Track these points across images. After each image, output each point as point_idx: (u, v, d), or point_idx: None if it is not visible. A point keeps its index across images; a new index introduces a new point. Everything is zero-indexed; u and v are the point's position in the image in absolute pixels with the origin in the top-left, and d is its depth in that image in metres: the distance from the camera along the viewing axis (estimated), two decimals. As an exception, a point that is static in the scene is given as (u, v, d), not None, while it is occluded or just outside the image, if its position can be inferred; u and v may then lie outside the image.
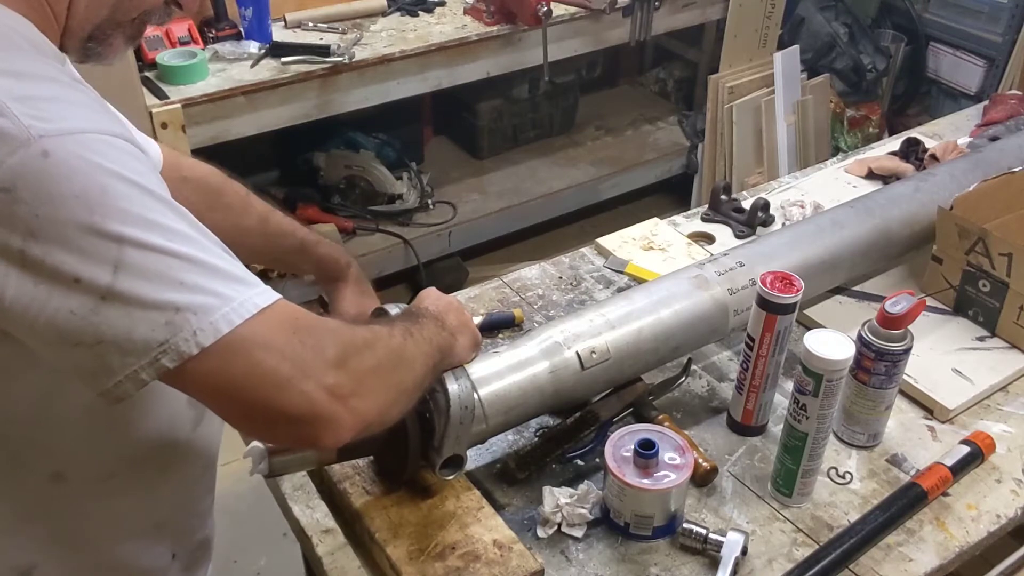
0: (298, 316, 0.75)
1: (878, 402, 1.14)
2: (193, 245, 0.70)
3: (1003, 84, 2.95)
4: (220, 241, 0.75)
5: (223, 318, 0.69)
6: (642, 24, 2.82)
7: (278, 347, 0.72)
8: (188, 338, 0.68)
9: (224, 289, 0.70)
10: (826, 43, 3.20)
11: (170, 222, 0.69)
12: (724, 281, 1.20)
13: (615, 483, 1.02)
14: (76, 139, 0.67)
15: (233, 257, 0.75)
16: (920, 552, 1.05)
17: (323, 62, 2.29)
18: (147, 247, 0.67)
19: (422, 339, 0.91)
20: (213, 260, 0.71)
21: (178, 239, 0.69)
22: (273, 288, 0.75)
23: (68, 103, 0.69)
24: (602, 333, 1.11)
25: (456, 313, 1.03)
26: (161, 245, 0.68)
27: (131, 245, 0.67)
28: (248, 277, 0.73)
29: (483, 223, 3.00)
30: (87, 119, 0.69)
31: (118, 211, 0.66)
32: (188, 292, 0.68)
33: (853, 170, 1.80)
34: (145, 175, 0.70)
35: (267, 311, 0.72)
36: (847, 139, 3.29)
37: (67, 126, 0.67)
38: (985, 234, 1.30)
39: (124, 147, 0.70)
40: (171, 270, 0.68)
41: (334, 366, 0.74)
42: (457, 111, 3.25)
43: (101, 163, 0.67)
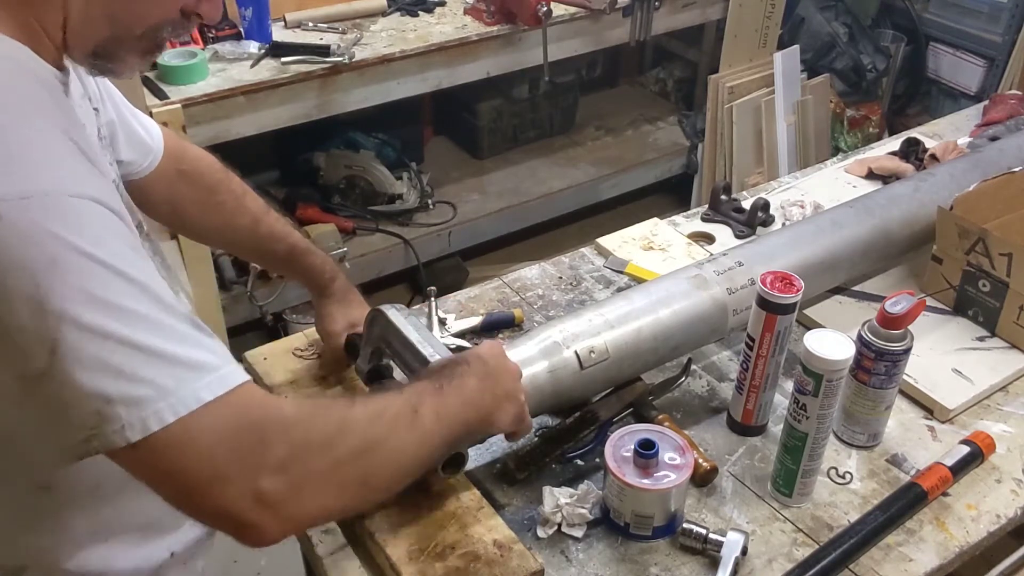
0: (250, 410, 0.72)
1: (878, 402, 1.14)
2: (144, 326, 0.67)
3: (1003, 84, 2.95)
4: (188, 315, 0.71)
5: (155, 414, 0.66)
6: (642, 24, 2.82)
7: (208, 447, 0.68)
8: (116, 431, 0.66)
9: (166, 380, 0.67)
10: (826, 43, 3.20)
11: (122, 299, 0.66)
12: (723, 281, 1.20)
13: (615, 483, 1.02)
14: (35, 203, 0.63)
15: (199, 330, 0.71)
16: (920, 552, 1.05)
17: (323, 62, 2.29)
18: (88, 328, 0.64)
19: (444, 407, 0.85)
20: (162, 344, 0.67)
21: (127, 319, 0.66)
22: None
23: (39, 158, 0.66)
24: (601, 333, 1.11)
25: (511, 379, 0.97)
26: (104, 327, 0.65)
27: (72, 325, 0.63)
28: (205, 360, 0.69)
29: (483, 223, 3.00)
30: (56, 178, 0.65)
31: (64, 286, 0.63)
32: (124, 381, 0.65)
33: (853, 170, 1.80)
34: (106, 243, 0.66)
35: (211, 405, 0.68)
36: (847, 139, 3.29)
37: (28, 187, 0.63)
38: (985, 234, 1.30)
39: (91, 211, 0.66)
40: (111, 355, 0.65)
41: (272, 471, 0.71)
42: (457, 111, 3.25)
43: (57, 232, 0.63)
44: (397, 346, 1.06)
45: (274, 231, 1.20)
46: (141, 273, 0.68)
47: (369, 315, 1.11)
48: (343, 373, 1.24)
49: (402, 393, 0.84)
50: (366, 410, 0.80)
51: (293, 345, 1.29)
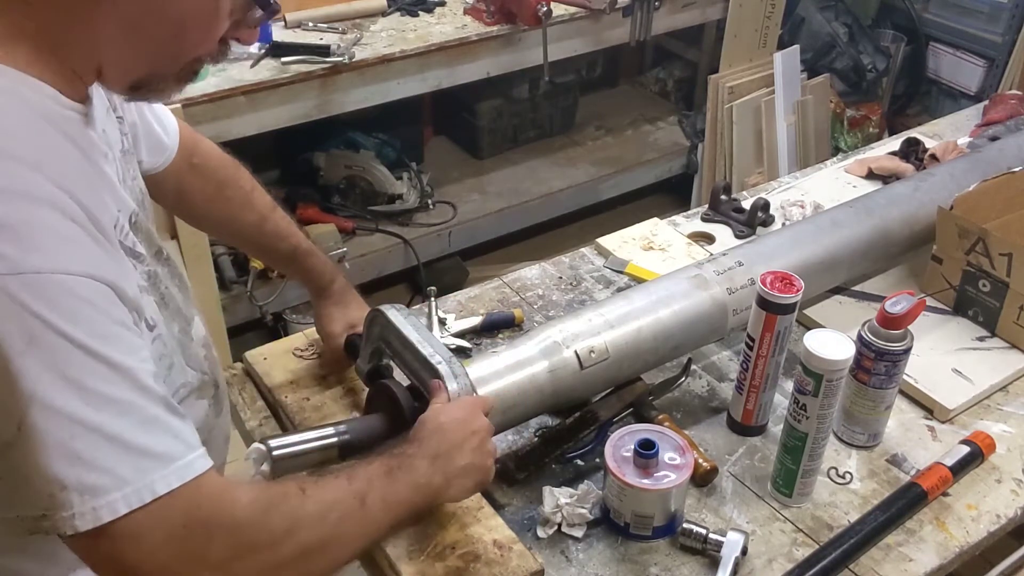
0: (201, 507, 0.71)
1: (878, 402, 1.14)
2: (113, 411, 0.67)
3: (1003, 84, 2.95)
4: (163, 396, 0.71)
5: (108, 505, 0.66)
6: (642, 24, 2.82)
7: (154, 543, 0.69)
8: (66, 518, 0.66)
9: (125, 469, 0.67)
10: (826, 43, 3.20)
11: (96, 383, 0.66)
12: (723, 280, 1.20)
13: (615, 483, 1.02)
14: (25, 280, 0.63)
15: (171, 412, 0.71)
16: (920, 552, 1.05)
17: (323, 62, 2.29)
18: (56, 411, 0.64)
19: (392, 494, 0.85)
20: (128, 431, 0.67)
21: (97, 403, 0.66)
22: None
23: (36, 234, 0.65)
24: (601, 333, 1.11)
25: (473, 451, 0.93)
26: (72, 411, 0.64)
27: (40, 406, 0.63)
28: (167, 450, 0.69)
29: (483, 223, 3.00)
30: (49, 257, 0.65)
31: (37, 366, 0.63)
32: (83, 468, 0.65)
33: (853, 170, 1.80)
34: (90, 323, 0.66)
35: (164, 498, 0.68)
36: (847, 139, 3.29)
37: (21, 264, 0.63)
38: (985, 234, 1.30)
39: (80, 289, 0.66)
40: (73, 440, 0.65)
41: (212, 568, 0.71)
42: (457, 111, 3.25)
43: (40, 311, 0.63)
44: (397, 346, 1.06)
45: (279, 229, 1.21)
46: (121, 353, 0.68)
47: (369, 315, 1.11)
48: (343, 373, 1.24)
49: (352, 480, 0.83)
50: (317, 507, 0.80)
51: (293, 345, 1.29)
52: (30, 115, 0.71)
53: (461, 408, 0.96)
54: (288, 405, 1.19)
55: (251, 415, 1.20)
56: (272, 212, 1.21)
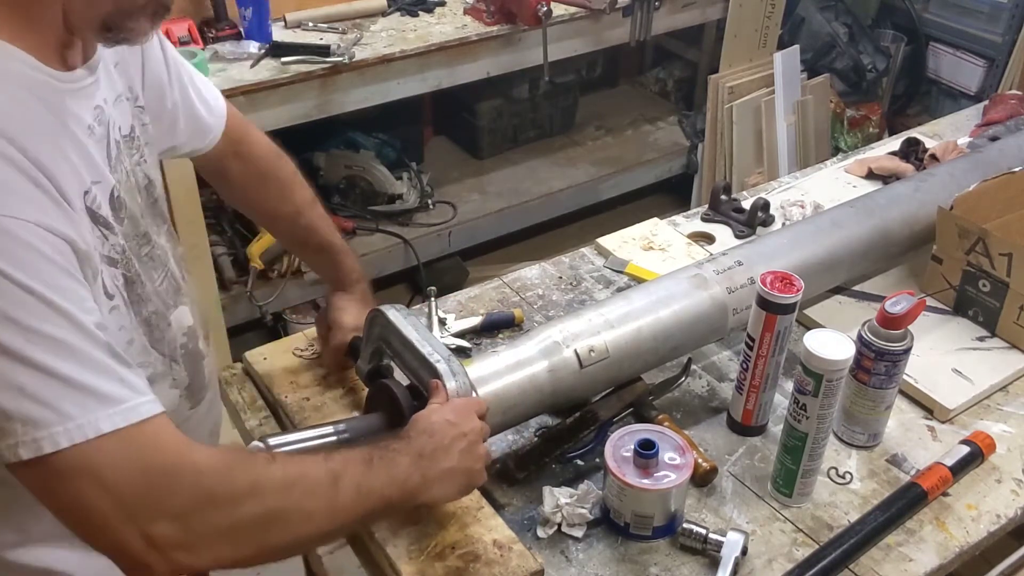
0: (158, 452, 0.72)
1: (878, 402, 1.14)
2: (56, 351, 0.67)
3: (1003, 84, 2.95)
4: (108, 344, 0.71)
5: (49, 437, 0.67)
6: (642, 24, 2.82)
7: (107, 482, 0.69)
8: (10, 446, 0.67)
9: (68, 406, 0.67)
10: (826, 43, 3.20)
11: (38, 323, 0.67)
12: (723, 280, 1.20)
13: (615, 483, 1.02)
14: None
15: (117, 360, 0.71)
16: (920, 552, 1.05)
17: (323, 62, 2.29)
18: (2, 350, 0.65)
19: (367, 482, 0.83)
20: (72, 370, 0.68)
21: (39, 342, 0.67)
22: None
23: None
24: (601, 332, 1.11)
25: (460, 454, 0.92)
26: (13, 346, 0.66)
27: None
28: (113, 392, 0.70)
29: (483, 223, 3.00)
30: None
31: None
32: (26, 400, 0.66)
33: (853, 170, 1.80)
34: (33, 266, 0.67)
35: (111, 437, 0.68)
36: (847, 139, 3.29)
37: None
38: (985, 234, 1.29)
39: (26, 235, 0.67)
40: (14, 374, 0.66)
41: (170, 517, 0.71)
42: (457, 111, 3.25)
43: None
44: (397, 346, 1.06)
45: (313, 224, 1.23)
46: (64, 299, 0.69)
47: (369, 315, 1.11)
48: (343, 373, 1.24)
49: (329, 460, 0.82)
50: (284, 473, 0.79)
51: (293, 345, 1.28)
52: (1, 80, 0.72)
53: (454, 410, 0.95)
54: (288, 405, 1.19)
55: (251, 415, 1.20)
56: (311, 207, 1.23)
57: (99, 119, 0.86)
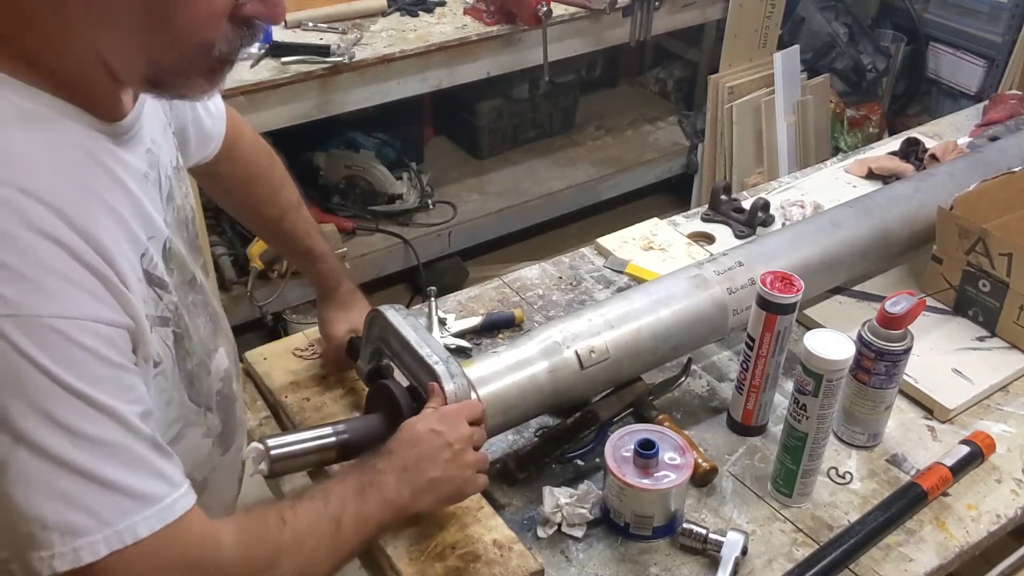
0: (187, 549, 0.72)
1: (878, 402, 1.14)
2: (99, 452, 0.66)
3: (1003, 84, 2.95)
4: (150, 435, 0.70)
5: (89, 547, 0.65)
6: (642, 24, 2.82)
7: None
8: (45, 558, 0.65)
9: (108, 511, 0.66)
10: (826, 43, 3.20)
11: (83, 424, 0.66)
12: (723, 280, 1.20)
13: (615, 483, 1.02)
14: (20, 321, 0.63)
15: (158, 452, 0.70)
16: (920, 552, 1.05)
17: (323, 62, 2.29)
18: (42, 452, 0.64)
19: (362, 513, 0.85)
20: (113, 472, 0.67)
21: (84, 445, 0.65)
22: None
23: (39, 276, 0.64)
24: (601, 333, 1.11)
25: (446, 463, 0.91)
26: (58, 452, 0.64)
27: (26, 446, 0.63)
28: (152, 491, 0.69)
29: (483, 223, 3.00)
30: (50, 300, 0.65)
31: (26, 405, 0.63)
32: (65, 507, 0.65)
33: (853, 170, 1.80)
34: (87, 367, 0.66)
35: (147, 541, 0.68)
36: (847, 139, 3.29)
37: (19, 306, 0.63)
38: (985, 234, 1.29)
39: (78, 334, 0.66)
40: (57, 479, 0.64)
41: None
42: (457, 111, 3.25)
43: (34, 355, 0.63)
44: (396, 346, 1.06)
45: (296, 229, 1.22)
46: (111, 396, 0.67)
47: (368, 316, 1.11)
48: (344, 373, 1.24)
49: (328, 503, 0.84)
50: (293, 535, 0.81)
51: (293, 345, 1.29)
52: (58, 146, 0.70)
53: (441, 418, 0.94)
54: (288, 405, 1.19)
55: (251, 415, 1.20)
56: (295, 211, 1.22)
57: (151, 163, 0.83)
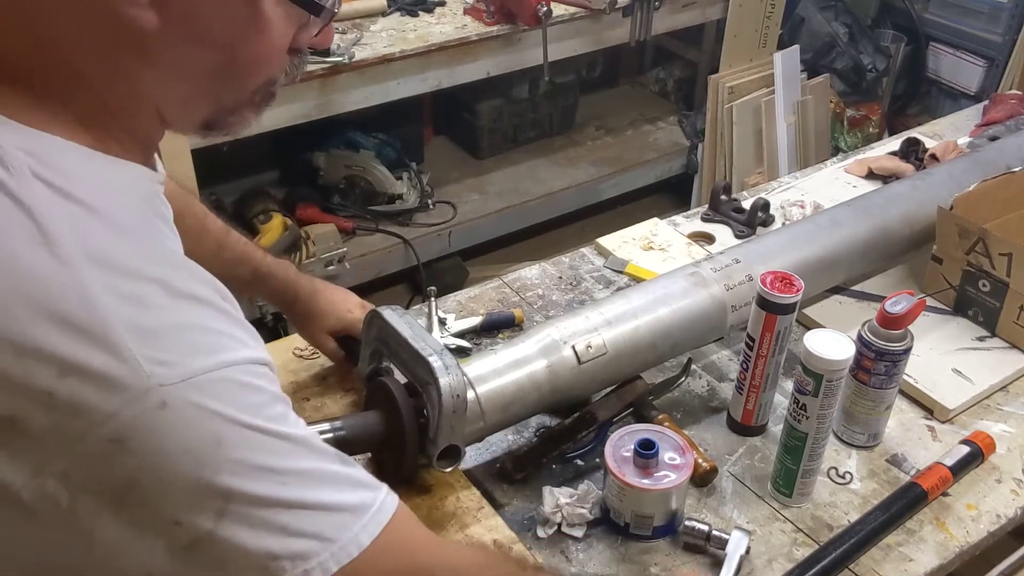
0: (416, 553, 0.72)
1: (878, 402, 1.14)
2: (305, 483, 0.66)
3: (1003, 84, 2.95)
4: (335, 452, 0.70)
5: (320, 566, 0.65)
6: (642, 24, 2.82)
7: None
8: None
9: (329, 530, 0.66)
10: (826, 43, 3.20)
11: (283, 461, 0.65)
12: (720, 278, 1.20)
13: (615, 483, 1.02)
14: (197, 383, 0.62)
15: (346, 464, 0.70)
16: (920, 552, 1.05)
17: (323, 62, 2.29)
18: (255, 499, 0.63)
19: None
20: (322, 496, 0.67)
21: (290, 481, 0.65)
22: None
23: (189, 330, 0.63)
24: (599, 330, 1.11)
25: None
26: (270, 495, 0.64)
27: (238, 498, 0.63)
28: (360, 500, 0.69)
29: (483, 223, 3.00)
30: (209, 350, 0.64)
31: (230, 463, 0.63)
32: (289, 537, 0.65)
33: (853, 170, 1.80)
34: (263, 408, 0.65)
35: (373, 546, 0.68)
36: (847, 139, 3.29)
37: (188, 368, 0.61)
38: (985, 234, 1.29)
39: (244, 377, 0.65)
40: (276, 516, 0.64)
41: None
42: (457, 111, 3.25)
43: (220, 410, 0.62)
44: (393, 345, 1.06)
45: (236, 254, 1.16)
46: (290, 427, 0.67)
47: (367, 317, 1.11)
48: (344, 373, 1.24)
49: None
50: None
51: (293, 345, 1.28)
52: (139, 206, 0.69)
53: None
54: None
55: (251, 415, 1.19)
56: (227, 237, 1.16)
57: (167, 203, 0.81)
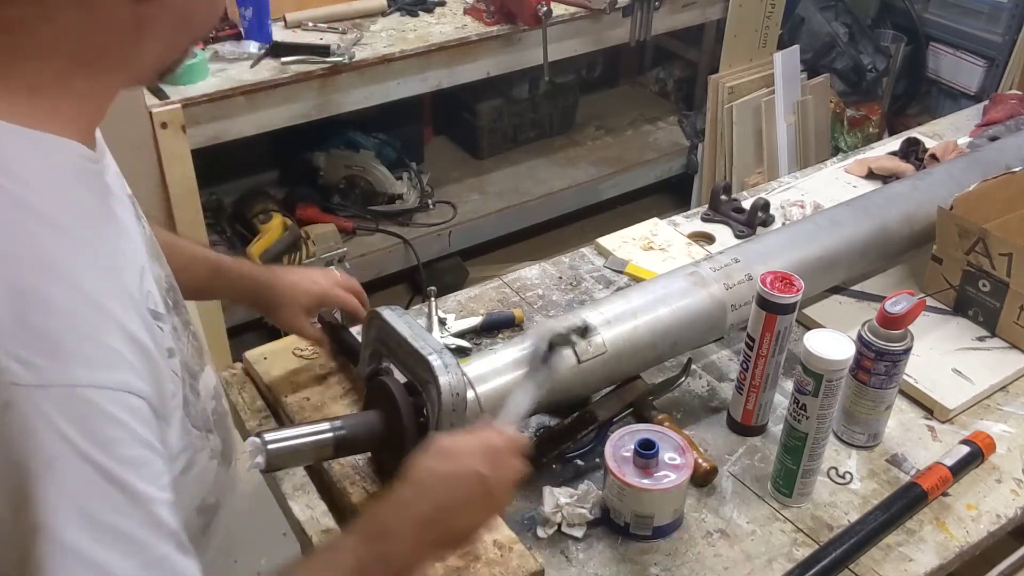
0: None
1: (878, 402, 1.14)
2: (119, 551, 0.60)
3: (1003, 84, 2.95)
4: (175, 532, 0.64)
5: None
6: (642, 24, 2.82)
7: None
8: None
9: None
10: (826, 43, 3.20)
11: (108, 515, 0.60)
12: (720, 277, 1.21)
13: (615, 483, 1.02)
14: (52, 395, 0.57)
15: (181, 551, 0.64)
16: (920, 552, 1.05)
17: (323, 62, 2.29)
18: (62, 545, 0.58)
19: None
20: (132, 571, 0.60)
21: (105, 541, 0.59)
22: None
23: (75, 339, 0.59)
24: (598, 329, 1.11)
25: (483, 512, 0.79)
26: (78, 547, 0.58)
27: (46, 537, 0.57)
28: None
29: (483, 223, 3.00)
30: (86, 364, 0.59)
31: (51, 495, 0.58)
32: None
33: (853, 170, 1.80)
34: (118, 446, 0.60)
35: None
36: (847, 139, 3.29)
37: (50, 376, 0.58)
38: (985, 234, 1.29)
39: (112, 407, 0.60)
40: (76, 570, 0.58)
41: None
42: (457, 111, 3.25)
43: (65, 430, 0.57)
44: (393, 345, 1.06)
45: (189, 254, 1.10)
46: (143, 480, 0.62)
47: (367, 317, 1.11)
48: (344, 373, 1.24)
49: None
50: None
51: (293, 345, 1.28)
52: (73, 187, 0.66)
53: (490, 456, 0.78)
54: (288, 405, 1.19)
55: (251, 415, 1.20)
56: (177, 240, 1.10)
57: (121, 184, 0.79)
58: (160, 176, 2.07)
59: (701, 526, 1.07)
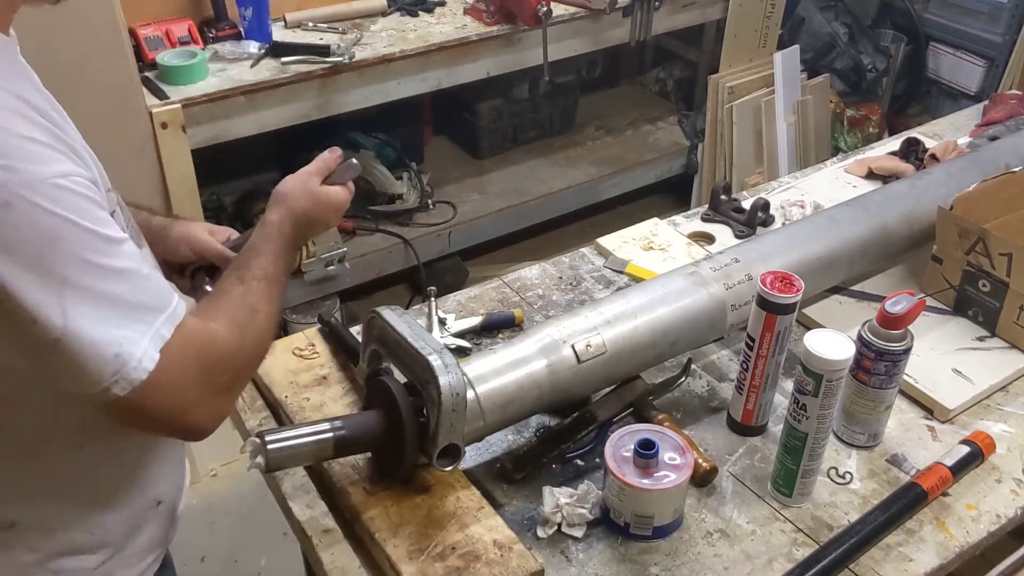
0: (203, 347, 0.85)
1: (878, 402, 1.14)
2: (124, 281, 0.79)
3: (1003, 84, 2.95)
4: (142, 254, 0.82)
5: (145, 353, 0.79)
6: (642, 24, 2.82)
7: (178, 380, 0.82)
8: (135, 366, 0.78)
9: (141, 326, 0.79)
10: (826, 43, 3.20)
11: (107, 259, 0.77)
12: (720, 277, 1.21)
13: (615, 483, 1.02)
14: (35, 188, 0.72)
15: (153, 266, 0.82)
16: (920, 552, 1.05)
17: (323, 62, 2.29)
18: (88, 289, 0.76)
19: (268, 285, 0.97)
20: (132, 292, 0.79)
21: (113, 278, 0.78)
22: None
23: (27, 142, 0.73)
24: (598, 329, 1.11)
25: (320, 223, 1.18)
26: (100, 287, 0.76)
27: (74, 288, 0.75)
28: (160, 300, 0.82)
29: (483, 223, 3.00)
30: (45, 163, 0.74)
31: (65, 257, 0.74)
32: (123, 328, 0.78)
33: (853, 170, 1.80)
34: (90, 213, 0.76)
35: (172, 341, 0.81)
36: (847, 139, 3.29)
37: (28, 175, 0.72)
38: (985, 234, 1.30)
39: (75, 186, 0.76)
40: (111, 308, 0.77)
41: (223, 391, 0.88)
42: (457, 111, 3.25)
43: (55, 210, 0.73)
44: (392, 345, 1.06)
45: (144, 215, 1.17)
46: (114, 230, 0.79)
47: (367, 317, 1.11)
48: (344, 373, 1.24)
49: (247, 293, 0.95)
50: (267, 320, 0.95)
51: (293, 345, 1.29)
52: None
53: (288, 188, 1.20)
54: (288, 405, 1.19)
55: (251, 415, 1.20)
56: None
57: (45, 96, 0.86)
58: (160, 176, 2.07)
59: (701, 526, 1.07)
